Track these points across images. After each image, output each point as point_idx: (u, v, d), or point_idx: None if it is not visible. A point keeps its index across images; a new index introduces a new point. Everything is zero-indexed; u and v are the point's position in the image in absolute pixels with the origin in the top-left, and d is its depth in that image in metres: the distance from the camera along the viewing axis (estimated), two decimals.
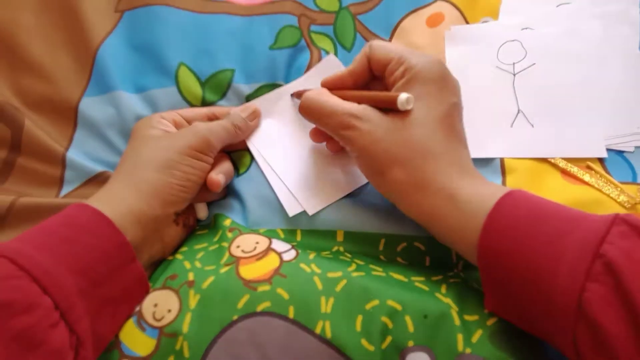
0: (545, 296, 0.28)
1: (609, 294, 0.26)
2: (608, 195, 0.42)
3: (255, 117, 0.46)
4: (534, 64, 0.48)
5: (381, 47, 0.39)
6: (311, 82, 0.48)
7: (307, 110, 0.40)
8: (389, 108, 0.36)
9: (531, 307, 0.30)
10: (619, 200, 0.42)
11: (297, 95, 0.46)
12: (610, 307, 0.26)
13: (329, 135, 0.41)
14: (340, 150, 0.43)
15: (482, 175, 0.36)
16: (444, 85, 0.37)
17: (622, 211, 0.41)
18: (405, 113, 0.36)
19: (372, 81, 0.42)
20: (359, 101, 0.38)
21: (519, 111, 0.46)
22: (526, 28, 0.49)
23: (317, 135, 0.43)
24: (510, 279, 0.30)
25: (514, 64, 0.48)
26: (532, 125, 0.46)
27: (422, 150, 0.35)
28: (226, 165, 0.44)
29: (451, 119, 0.36)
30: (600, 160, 0.44)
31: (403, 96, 0.35)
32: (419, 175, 0.35)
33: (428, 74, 0.36)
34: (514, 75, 0.47)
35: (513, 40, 0.49)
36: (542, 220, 0.30)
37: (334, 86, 0.41)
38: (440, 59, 0.37)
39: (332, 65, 0.49)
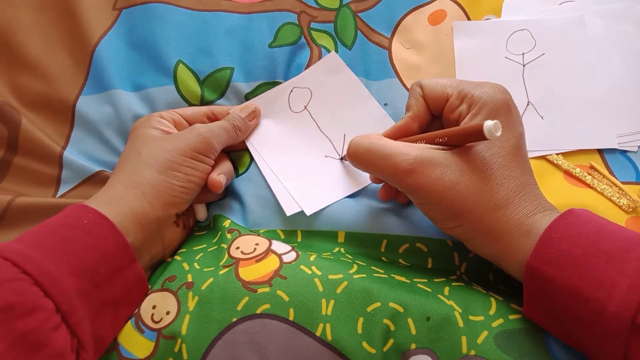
0: (599, 307, 0.28)
1: None
2: (609, 199, 0.42)
3: (254, 117, 0.46)
4: (544, 54, 0.47)
5: (433, 83, 0.37)
6: (310, 79, 0.48)
7: (356, 156, 0.37)
8: (467, 142, 0.34)
9: (577, 319, 0.29)
10: (619, 203, 0.42)
11: (344, 159, 0.44)
12: None
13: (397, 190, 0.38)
14: (393, 197, 0.41)
15: (554, 207, 0.34)
16: (510, 115, 0.35)
17: (621, 214, 0.41)
18: (474, 151, 0.33)
19: (430, 123, 0.39)
20: (429, 141, 0.35)
21: (528, 103, 0.46)
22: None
23: (387, 193, 0.41)
24: (560, 289, 0.30)
25: (523, 54, 0.47)
26: (542, 117, 0.45)
27: (500, 191, 0.33)
28: (226, 166, 0.43)
29: (521, 151, 0.35)
30: (604, 160, 0.44)
31: (489, 123, 0.31)
32: (500, 217, 0.33)
33: (494, 105, 0.34)
34: (524, 66, 0.47)
35: (522, 30, 0.48)
36: (603, 236, 0.30)
37: (399, 136, 0.38)
38: (502, 87, 0.36)
39: (333, 63, 0.48)
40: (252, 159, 0.46)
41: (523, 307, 0.33)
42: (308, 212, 0.41)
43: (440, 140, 0.35)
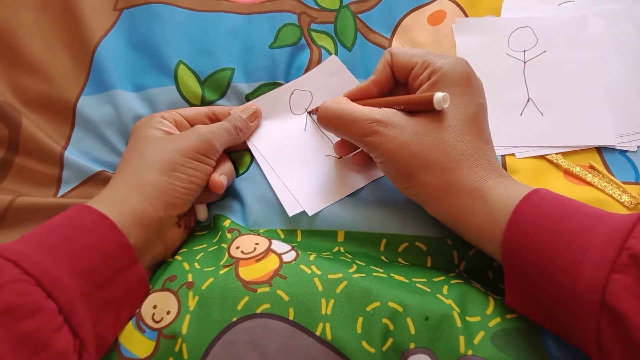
0: (569, 289, 0.28)
1: (635, 285, 0.26)
2: (610, 196, 0.42)
3: (255, 118, 0.46)
4: (545, 51, 0.47)
5: (403, 52, 0.39)
6: (311, 82, 0.48)
7: (326, 119, 0.39)
8: (420, 110, 0.36)
9: (554, 302, 0.30)
10: (621, 200, 0.42)
11: (315, 111, 0.46)
12: (635, 298, 0.26)
13: (353, 147, 0.40)
14: (366, 163, 0.43)
15: (509, 175, 0.36)
16: (470, 85, 0.36)
17: (624, 211, 0.41)
18: (432, 115, 0.36)
19: (395, 88, 0.41)
20: (388, 107, 0.37)
21: (528, 99, 0.46)
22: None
23: (342, 148, 0.43)
24: (534, 274, 0.30)
25: (524, 51, 0.47)
26: (542, 114, 0.45)
27: (451, 152, 0.35)
28: (227, 166, 0.44)
29: (478, 119, 0.36)
30: (603, 160, 0.44)
31: (439, 95, 0.34)
32: (450, 178, 0.34)
33: (453, 75, 0.36)
34: (525, 62, 0.47)
35: (524, 27, 0.48)
36: (567, 216, 0.30)
37: (358, 97, 0.41)
38: (464, 60, 0.37)
39: (333, 67, 0.48)
40: (252, 158, 0.46)
41: (505, 297, 0.33)
42: (310, 212, 0.42)
43: (397, 107, 0.37)
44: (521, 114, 0.46)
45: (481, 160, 0.35)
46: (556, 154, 0.45)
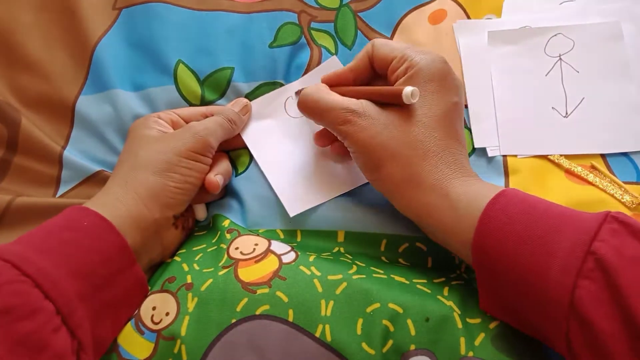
0: (539, 294, 0.29)
1: (600, 291, 0.26)
2: (612, 195, 0.42)
3: (247, 111, 0.46)
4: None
5: (384, 44, 0.39)
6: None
7: (305, 105, 0.40)
8: (391, 103, 0.36)
9: (525, 306, 0.30)
10: (622, 200, 0.41)
11: (299, 93, 0.46)
12: (601, 304, 0.26)
13: (332, 137, 0.40)
14: (343, 153, 0.43)
15: (477, 175, 0.36)
16: (445, 83, 0.37)
17: (626, 211, 0.41)
18: (405, 110, 0.36)
19: (374, 80, 0.42)
20: (360, 97, 0.38)
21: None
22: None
23: (321, 138, 0.43)
24: (504, 278, 0.31)
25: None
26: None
27: (419, 147, 0.35)
28: (224, 165, 0.43)
29: (450, 118, 0.36)
30: (604, 160, 0.44)
31: (408, 89, 0.35)
32: (415, 172, 0.35)
33: (429, 72, 0.36)
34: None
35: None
36: (534, 219, 0.30)
37: (334, 83, 0.41)
38: (442, 57, 0.37)
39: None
40: (251, 158, 0.46)
41: (480, 301, 0.34)
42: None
43: (370, 98, 0.37)
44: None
45: (448, 158, 0.35)
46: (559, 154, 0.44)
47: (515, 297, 0.31)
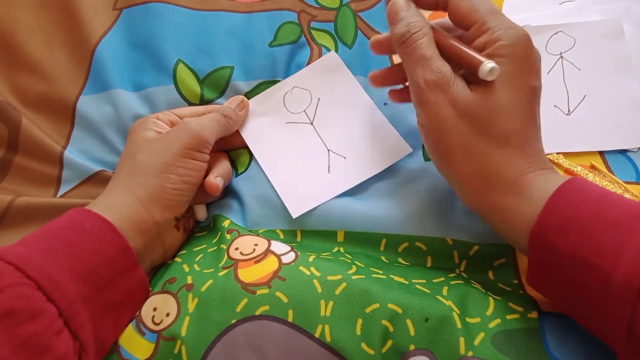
0: (605, 274, 0.27)
1: None
2: None
3: (243, 107, 0.46)
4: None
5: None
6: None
7: (405, 39, 0.35)
8: (467, 69, 0.34)
9: (582, 285, 0.29)
10: None
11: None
12: None
13: (395, 81, 0.39)
14: (403, 101, 0.41)
15: (552, 166, 0.34)
16: (527, 65, 0.33)
17: None
18: (486, 96, 0.33)
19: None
20: (448, 51, 0.34)
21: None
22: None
23: (383, 77, 0.41)
24: (565, 254, 0.29)
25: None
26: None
27: (498, 142, 0.32)
28: (224, 166, 0.43)
29: (532, 106, 0.33)
30: (604, 160, 0.44)
31: (487, 65, 0.31)
32: (488, 166, 0.33)
33: (512, 52, 0.33)
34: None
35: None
36: (609, 203, 0.29)
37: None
38: (527, 33, 0.33)
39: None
40: (251, 158, 0.46)
41: (527, 276, 0.33)
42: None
43: (450, 54, 0.34)
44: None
45: (526, 149, 0.33)
46: (557, 153, 0.44)
47: (572, 276, 0.29)
